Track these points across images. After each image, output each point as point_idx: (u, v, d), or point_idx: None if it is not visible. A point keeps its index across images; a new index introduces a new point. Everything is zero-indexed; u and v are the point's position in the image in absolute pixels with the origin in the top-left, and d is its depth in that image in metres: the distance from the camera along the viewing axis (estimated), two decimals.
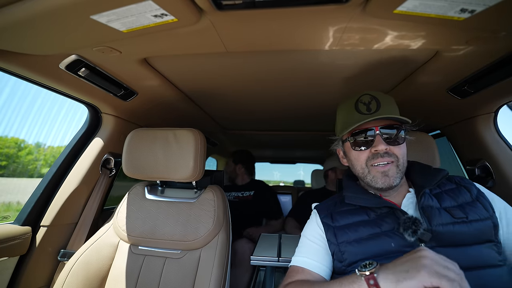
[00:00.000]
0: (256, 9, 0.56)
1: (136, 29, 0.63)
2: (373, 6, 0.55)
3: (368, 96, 0.77)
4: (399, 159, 0.73)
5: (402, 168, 0.74)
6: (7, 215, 1.07)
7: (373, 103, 0.75)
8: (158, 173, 1.00)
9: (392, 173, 0.72)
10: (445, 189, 0.76)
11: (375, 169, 0.73)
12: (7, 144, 2.11)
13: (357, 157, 0.77)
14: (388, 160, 0.72)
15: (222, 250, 0.96)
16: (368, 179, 0.75)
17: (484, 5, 0.51)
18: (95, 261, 0.96)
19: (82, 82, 0.93)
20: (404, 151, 0.75)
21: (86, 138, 1.23)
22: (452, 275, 0.47)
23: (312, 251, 0.78)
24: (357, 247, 0.72)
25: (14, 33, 0.62)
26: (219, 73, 1.01)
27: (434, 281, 0.46)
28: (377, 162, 0.73)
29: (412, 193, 0.77)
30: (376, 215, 0.75)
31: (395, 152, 0.73)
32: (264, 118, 1.70)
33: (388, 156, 0.72)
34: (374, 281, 0.52)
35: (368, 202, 0.76)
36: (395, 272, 0.51)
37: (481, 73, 0.84)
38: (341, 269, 0.73)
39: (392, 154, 0.73)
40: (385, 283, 0.51)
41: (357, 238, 0.73)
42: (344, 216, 0.79)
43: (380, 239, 0.70)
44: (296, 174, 5.03)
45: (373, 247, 0.70)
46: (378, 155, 0.73)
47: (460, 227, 0.67)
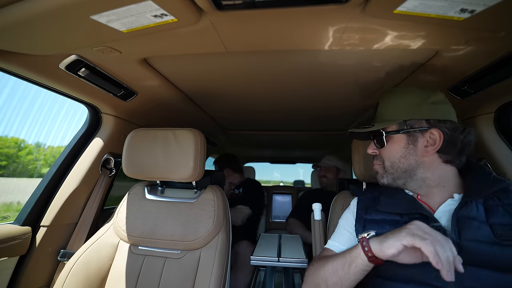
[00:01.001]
0: (256, 9, 0.56)
1: (136, 29, 0.63)
2: (373, 6, 0.55)
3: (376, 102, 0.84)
4: (385, 161, 0.77)
5: (390, 169, 0.76)
6: (7, 215, 1.07)
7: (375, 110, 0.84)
8: (158, 173, 1.00)
9: (380, 173, 0.80)
10: (505, 203, 0.65)
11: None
12: (7, 144, 2.11)
13: None
14: (376, 162, 0.81)
15: (222, 250, 0.96)
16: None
17: (484, 5, 0.51)
18: (95, 261, 0.96)
19: (82, 82, 0.93)
20: (389, 154, 0.76)
21: (86, 138, 1.23)
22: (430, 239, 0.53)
23: (342, 237, 0.83)
24: None
25: (14, 33, 0.62)
26: (219, 73, 1.01)
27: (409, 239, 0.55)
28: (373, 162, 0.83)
29: (456, 199, 0.69)
30: (408, 218, 0.71)
31: (381, 155, 0.78)
32: (264, 118, 1.70)
33: (376, 159, 0.81)
34: (366, 241, 0.63)
35: (399, 208, 0.74)
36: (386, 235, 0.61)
37: (481, 73, 0.84)
38: None
39: (379, 157, 0.79)
40: (373, 243, 0.61)
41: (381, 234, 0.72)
42: (378, 212, 0.79)
43: None
44: (296, 174, 5.02)
45: None
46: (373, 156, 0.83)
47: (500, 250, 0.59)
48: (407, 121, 0.73)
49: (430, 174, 0.72)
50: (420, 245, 0.53)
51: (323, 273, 0.69)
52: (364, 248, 0.62)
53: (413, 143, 0.72)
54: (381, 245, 0.59)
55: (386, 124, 0.75)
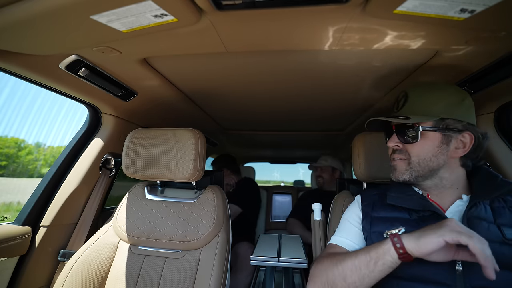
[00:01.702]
0: (256, 9, 0.56)
1: (136, 29, 0.63)
2: (373, 6, 0.55)
3: (403, 93, 0.77)
4: (411, 157, 0.72)
5: (416, 167, 0.72)
6: (7, 215, 1.07)
7: (402, 101, 0.76)
8: (158, 173, 1.00)
9: (400, 168, 0.75)
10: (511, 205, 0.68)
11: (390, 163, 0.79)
12: (7, 144, 2.11)
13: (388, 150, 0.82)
14: (398, 156, 0.75)
15: (222, 250, 0.96)
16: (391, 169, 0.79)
17: (484, 5, 0.51)
18: (95, 261, 0.96)
19: (82, 82, 0.93)
20: (420, 151, 0.71)
21: (86, 138, 1.23)
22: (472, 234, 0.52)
23: (349, 231, 0.81)
24: None
25: (14, 33, 0.62)
26: (219, 73, 1.01)
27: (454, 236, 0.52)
28: (392, 157, 0.78)
29: (464, 201, 0.71)
30: (418, 216, 0.72)
31: (407, 150, 0.73)
32: (264, 118, 1.70)
33: (399, 153, 0.75)
34: (397, 238, 0.59)
35: (410, 204, 0.73)
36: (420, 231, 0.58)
37: (481, 73, 0.84)
38: None
39: (404, 152, 0.74)
40: (407, 239, 0.58)
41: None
42: (385, 209, 0.78)
43: None
44: (296, 174, 5.03)
45: None
46: (392, 150, 0.77)
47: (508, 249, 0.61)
48: (444, 119, 0.70)
49: (448, 175, 0.73)
50: (467, 242, 0.51)
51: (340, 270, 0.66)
52: (395, 245, 0.59)
53: (447, 143, 0.71)
54: (417, 242, 0.56)
55: (423, 118, 0.70)
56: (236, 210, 1.93)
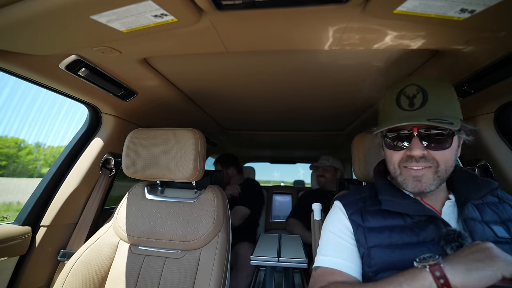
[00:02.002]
0: (256, 9, 0.56)
1: (136, 29, 0.63)
2: (373, 6, 0.55)
3: (415, 87, 0.65)
4: (439, 165, 0.64)
5: (443, 175, 0.65)
6: (7, 215, 1.07)
7: (418, 97, 0.65)
8: (158, 173, 1.00)
9: (427, 179, 0.64)
10: (486, 201, 0.69)
11: (407, 172, 0.66)
12: (7, 144, 2.11)
13: (391, 156, 0.70)
14: (424, 165, 0.64)
15: (222, 250, 0.96)
16: (399, 180, 0.68)
17: (484, 5, 0.51)
18: (95, 261, 0.96)
19: (82, 82, 0.93)
20: (448, 157, 0.64)
21: (86, 138, 1.23)
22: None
23: (342, 249, 0.69)
24: (389, 254, 0.64)
25: (14, 33, 0.62)
26: (219, 73, 1.01)
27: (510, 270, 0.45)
28: (411, 166, 0.65)
29: (452, 201, 0.69)
30: (412, 221, 0.67)
31: (435, 157, 0.64)
32: (264, 118, 1.70)
33: (425, 161, 0.64)
34: (440, 272, 0.48)
35: (407, 208, 0.67)
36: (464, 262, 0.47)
37: (481, 73, 0.84)
38: (368, 275, 0.66)
39: (430, 159, 0.64)
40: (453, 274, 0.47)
41: (390, 244, 0.65)
42: (376, 217, 0.70)
43: (417, 249, 0.63)
44: (296, 174, 5.03)
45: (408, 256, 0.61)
46: (413, 159, 0.65)
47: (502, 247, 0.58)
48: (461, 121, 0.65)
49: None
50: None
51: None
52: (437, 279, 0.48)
53: (458, 147, 0.68)
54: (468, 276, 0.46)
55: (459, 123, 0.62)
56: (246, 212, 1.96)
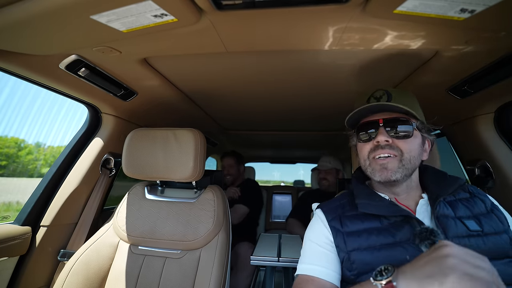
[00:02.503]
0: (256, 9, 0.56)
1: (136, 29, 0.63)
2: (373, 6, 0.55)
3: (381, 91, 0.74)
4: (403, 154, 0.69)
5: (407, 164, 0.69)
6: (7, 215, 1.07)
7: (384, 97, 0.72)
8: (158, 173, 1.00)
9: (392, 166, 0.69)
10: (459, 198, 0.72)
11: (375, 162, 0.71)
12: (7, 144, 2.11)
13: (361, 149, 0.76)
14: (389, 152, 0.69)
15: (222, 250, 0.96)
16: (369, 171, 0.73)
17: (484, 5, 0.51)
18: (95, 261, 0.96)
19: (82, 82, 0.93)
20: (412, 147, 0.70)
21: (86, 138, 1.23)
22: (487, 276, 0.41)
23: (321, 257, 0.72)
24: (368, 256, 0.67)
25: (14, 33, 0.62)
26: (219, 73, 1.01)
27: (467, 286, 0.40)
28: (378, 154, 0.70)
29: (425, 200, 0.72)
30: (389, 223, 0.69)
31: (399, 146, 0.69)
32: (264, 118, 1.70)
33: (389, 149, 0.69)
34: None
35: (382, 210, 0.70)
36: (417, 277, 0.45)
37: (481, 73, 0.84)
38: (350, 278, 0.68)
39: (395, 147, 0.69)
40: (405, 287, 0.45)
41: (368, 246, 0.68)
42: (354, 221, 0.73)
43: (394, 250, 0.65)
44: (296, 174, 5.03)
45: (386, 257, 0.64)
46: (379, 147, 0.70)
47: (475, 240, 0.62)
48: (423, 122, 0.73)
49: (415, 177, 0.75)
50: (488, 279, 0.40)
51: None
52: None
53: (423, 145, 0.73)
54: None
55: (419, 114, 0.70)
56: (245, 211, 1.98)
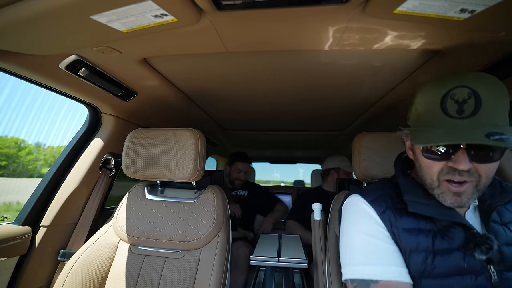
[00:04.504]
0: (256, 9, 0.56)
1: (136, 29, 0.63)
2: (373, 6, 0.55)
3: (466, 90, 0.54)
4: (481, 179, 0.57)
5: (482, 188, 0.58)
6: (7, 215, 1.07)
7: (470, 103, 0.53)
8: (158, 173, 1.00)
9: (467, 194, 0.58)
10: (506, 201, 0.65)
11: (446, 186, 0.59)
12: (7, 144, 2.11)
13: (428, 166, 0.61)
14: (467, 179, 0.56)
15: (222, 250, 0.96)
16: (436, 192, 0.61)
17: (484, 5, 0.51)
18: (95, 261, 0.96)
19: (82, 82, 0.93)
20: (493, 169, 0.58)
21: (86, 138, 1.23)
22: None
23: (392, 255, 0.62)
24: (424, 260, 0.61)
25: (14, 33, 0.62)
26: (219, 73, 1.01)
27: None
28: (452, 179, 0.58)
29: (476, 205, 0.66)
30: (441, 225, 0.63)
31: (479, 170, 0.56)
32: (264, 118, 1.70)
33: (468, 176, 0.56)
34: None
35: (437, 213, 0.62)
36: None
37: None
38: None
39: (474, 173, 0.56)
40: None
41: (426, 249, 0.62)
42: (406, 217, 0.65)
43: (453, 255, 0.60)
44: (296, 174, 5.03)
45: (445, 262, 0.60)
46: (456, 172, 0.57)
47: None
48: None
49: None
50: None
51: None
52: None
53: None
54: None
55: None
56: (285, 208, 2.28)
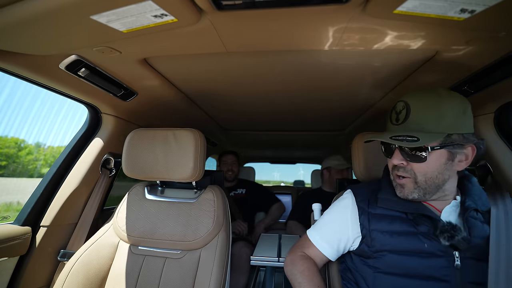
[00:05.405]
0: (256, 9, 0.56)
1: (136, 29, 0.63)
2: (373, 6, 0.55)
3: (402, 103, 0.71)
4: (417, 177, 0.70)
5: (423, 185, 0.70)
6: (7, 215, 1.07)
7: (403, 113, 0.70)
8: (158, 173, 1.00)
9: (408, 188, 0.72)
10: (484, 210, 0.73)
11: (396, 179, 0.75)
12: (7, 144, 2.11)
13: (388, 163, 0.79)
14: (404, 174, 0.71)
15: (222, 250, 0.96)
16: (393, 184, 0.77)
17: (484, 5, 0.51)
18: (95, 261, 0.96)
19: (82, 82, 0.93)
20: (428, 169, 0.68)
21: (86, 138, 1.23)
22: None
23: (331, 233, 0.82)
24: (388, 238, 0.73)
25: (14, 33, 0.62)
26: (219, 73, 1.01)
27: None
28: (395, 173, 0.74)
29: (458, 202, 0.73)
30: (413, 215, 0.73)
31: (413, 168, 0.70)
32: (264, 118, 1.70)
33: (404, 171, 0.71)
34: None
35: (403, 207, 0.73)
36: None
37: (481, 73, 0.84)
38: (368, 253, 0.75)
39: (409, 170, 0.71)
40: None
41: (390, 230, 0.73)
42: (381, 207, 0.77)
43: (414, 238, 0.71)
44: (296, 174, 5.03)
45: (405, 243, 0.71)
46: (396, 167, 0.73)
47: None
48: (450, 135, 0.67)
49: (450, 186, 0.72)
50: None
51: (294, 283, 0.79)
52: None
53: (452, 158, 0.69)
54: None
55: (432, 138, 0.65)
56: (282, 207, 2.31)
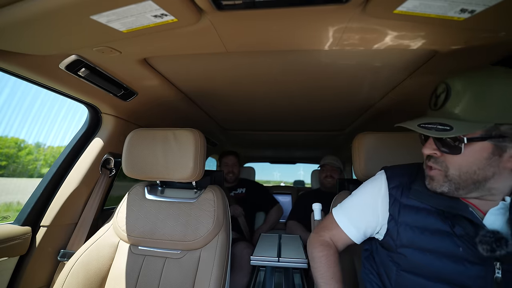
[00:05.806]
0: (256, 9, 0.56)
1: (136, 29, 0.63)
2: (373, 6, 0.55)
3: (443, 85, 0.60)
4: (449, 170, 0.60)
5: (455, 179, 0.59)
6: (7, 215, 1.07)
7: (442, 96, 0.60)
8: (158, 173, 1.00)
9: (437, 180, 0.62)
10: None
11: (426, 170, 0.65)
12: (7, 144, 2.11)
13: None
14: (434, 166, 0.62)
15: (222, 250, 0.96)
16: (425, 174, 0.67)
17: (484, 5, 0.51)
18: (95, 261, 0.96)
19: (82, 82, 0.93)
20: (461, 162, 0.58)
21: (86, 138, 1.23)
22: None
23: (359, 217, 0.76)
24: (418, 235, 0.64)
25: (14, 33, 0.62)
26: (219, 73, 1.01)
27: None
28: (427, 163, 0.64)
29: (507, 202, 0.60)
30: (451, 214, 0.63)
31: (445, 160, 0.60)
32: (264, 118, 1.70)
33: (435, 162, 0.62)
34: None
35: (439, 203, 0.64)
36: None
37: None
38: (391, 247, 0.68)
39: (440, 162, 0.61)
40: None
41: (421, 226, 0.65)
42: (415, 198, 0.68)
43: (448, 238, 0.61)
44: (296, 174, 5.04)
45: (437, 242, 0.62)
46: (428, 157, 0.64)
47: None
48: (499, 125, 0.54)
49: (498, 185, 0.59)
50: None
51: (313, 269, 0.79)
52: None
53: (499, 153, 0.55)
54: None
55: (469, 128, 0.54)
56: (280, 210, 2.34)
